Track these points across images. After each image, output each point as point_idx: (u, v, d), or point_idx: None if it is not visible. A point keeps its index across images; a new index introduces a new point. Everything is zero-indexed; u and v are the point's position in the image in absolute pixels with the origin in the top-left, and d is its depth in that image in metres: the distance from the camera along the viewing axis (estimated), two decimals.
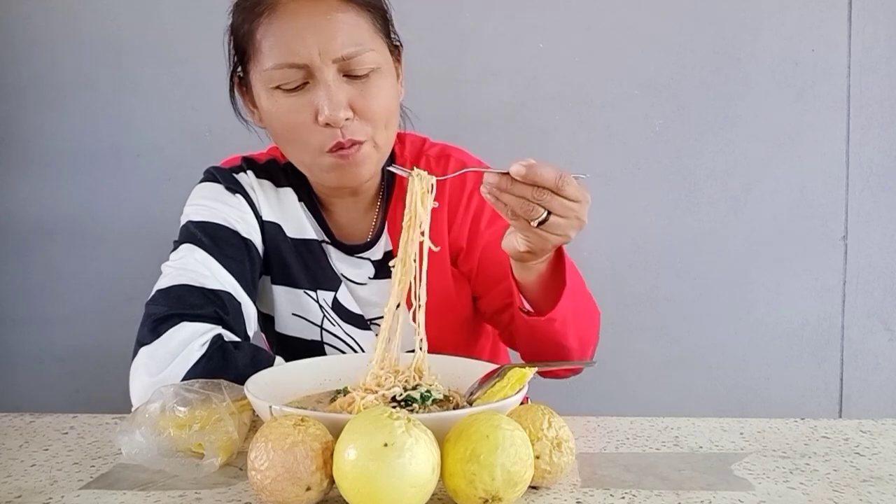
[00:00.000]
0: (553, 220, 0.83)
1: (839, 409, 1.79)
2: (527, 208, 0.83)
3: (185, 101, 1.79)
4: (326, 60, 0.96)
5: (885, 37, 1.73)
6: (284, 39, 0.97)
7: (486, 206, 1.10)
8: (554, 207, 0.82)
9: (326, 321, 1.13)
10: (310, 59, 0.96)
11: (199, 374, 0.89)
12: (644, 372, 1.79)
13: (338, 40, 0.96)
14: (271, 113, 1.01)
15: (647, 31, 1.75)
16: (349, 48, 0.97)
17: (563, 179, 0.81)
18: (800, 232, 1.76)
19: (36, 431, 0.92)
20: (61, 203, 1.82)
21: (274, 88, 0.99)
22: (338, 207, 1.13)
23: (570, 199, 0.83)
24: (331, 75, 0.96)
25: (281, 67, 0.97)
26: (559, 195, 0.82)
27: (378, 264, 1.13)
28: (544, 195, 0.82)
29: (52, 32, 1.80)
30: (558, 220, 0.84)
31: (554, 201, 0.82)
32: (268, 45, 0.98)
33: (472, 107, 1.76)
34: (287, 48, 0.96)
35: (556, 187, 0.81)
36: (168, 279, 1.01)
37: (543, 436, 0.70)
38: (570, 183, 0.82)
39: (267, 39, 0.98)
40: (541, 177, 0.81)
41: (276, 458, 0.64)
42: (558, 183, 0.81)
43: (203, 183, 1.12)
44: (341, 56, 0.96)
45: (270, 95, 1.00)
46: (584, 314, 1.04)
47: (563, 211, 0.83)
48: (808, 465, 0.79)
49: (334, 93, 0.96)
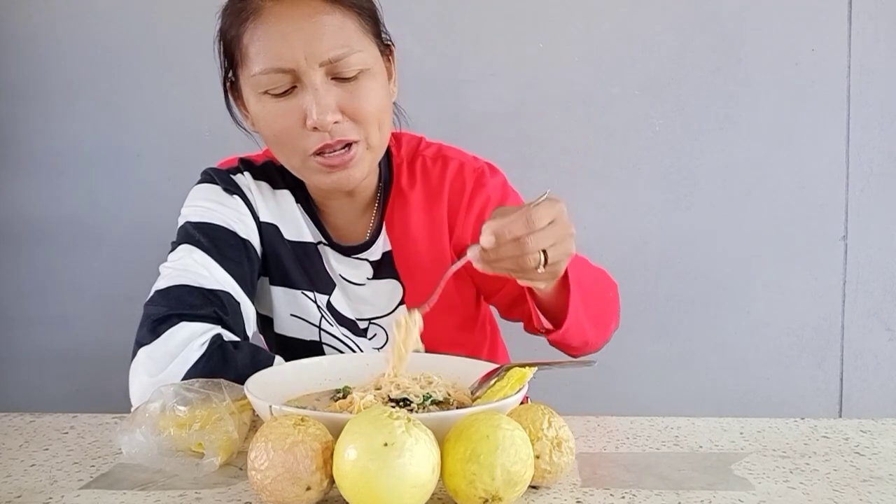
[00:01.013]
0: (551, 252, 0.82)
1: (839, 409, 1.79)
2: (523, 262, 0.82)
3: (184, 102, 1.79)
4: (313, 64, 0.95)
5: (885, 37, 1.73)
6: (270, 44, 0.96)
7: (488, 206, 1.10)
8: (542, 244, 0.81)
9: (325, 322, 1.13)
10: (296, 64, 0.95)
11: (199, 373, 0.89)
12: (644, 372, 1.79)
13: (324, 43, 0.95)
14: (260, 117, 1.01)
15: (647, 31, 1.75)
16: (336, 51, 0.96)
17: (530, 220, 0.80)
18: (800, 232, 1.76)
19: (36, 431, 0.92)
20: (61, 203, 1.82)
21: (262, 93, 0.98)
22: (335, 209, 1.13)
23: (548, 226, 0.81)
24: (318, 79, 0.96)
25: (268, 72, 0.96)
26: (538, 231, 0.80)
27: (376, 264, 1.13)
28: (526, 244, 0.80)
29: (53, 33, 1.79)
30: (555, 249, 0.83)
31: (538, 240, 0.81)
32: (254, 51, 0.97)
33: (471, 107, 1.76)
34: (273, 53, 0.96)
35: (529, 230, 0.80)
36: (166, 280, 1.00)
37: (543, 436, 0.70)
38: (538, 216, 0.80)
39: (253, 45, 0.97)
40: (510, 232, 0.80)
41: (276, 458, 0.64)
42: (529, 225, 0.80)
43: (200, 184, 1.12)
44: (328, 59, 0.96)
45: (259, 100, 0.99)
46: (598, 297, 1.04)
47: (551, 240, 0.82)
48: (808, 464, 0.79)
49: (322, 96, 0.96)
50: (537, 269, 0.83)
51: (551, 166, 1.76)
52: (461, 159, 1.14)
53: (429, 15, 1.74)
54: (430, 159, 1.13)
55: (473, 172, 1.12)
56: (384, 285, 1.12)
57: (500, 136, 1.74)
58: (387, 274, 1.12)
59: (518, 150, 1.74)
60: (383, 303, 1.13)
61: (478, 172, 1.12)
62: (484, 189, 1.11)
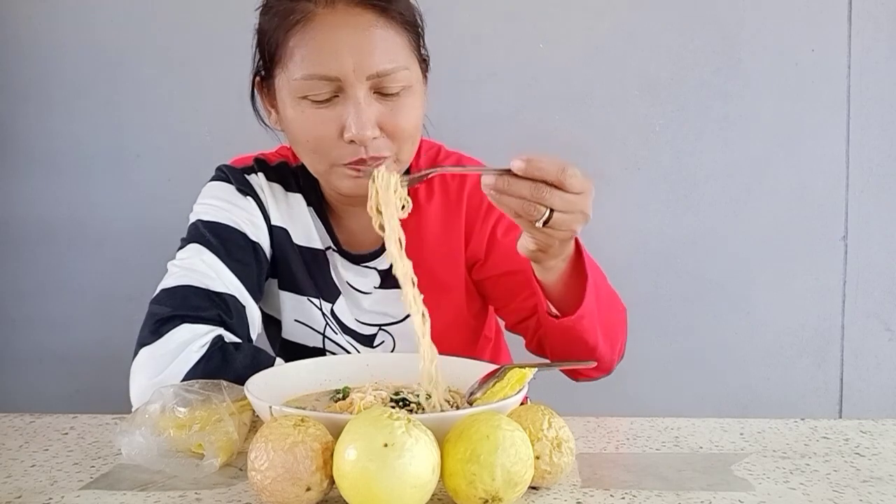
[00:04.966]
0: (556, 217, 0.81)
1: (839, 409, 1.79)
2: (528, 208, 0.80)
3: (184, 102, 1.79)
4: (360, 77, 0.94)
5: (885, 37, 1.73)
6: (319, 52, 0.95)
7: (503, 219, 1.08)
8: (555, 204, 0.80)
9: (329, 329, 1.12)
10: (343, 74, 0.94)
11: (199, 374, 0.89)
12: (644, 372, 1.78)
13: (374, 57, 0.95)
14: (295, 122, 0.99)
15: (647, 31, 1.75)
16: (384, 65, 0.95)
17: (565, 173, 0.79)
18: (800, 232, 1.76)
19: (36, 431, 0.92)
20: (61, 203, 1.82)
21: (301, 98, 0.97)
22: (349, 214, 1.11)
23: (571, 193, 0.80)
24: (362, 92, 0.95)
25: (311, 78, 0.95)
26: (560, 189, 0.79)
27: (384, 274, 1.11)
28: (543, 192, 0.79)
29: (54, 33, 1.80)
30: (562, 217, 0.81)
31: (554, 197, 0.79)
32: (300, 55, 0.96)
33: (472, 107, 1.76)
34: (320, 61, 0.95)
35: (558, 181, 0.79)
36: (174, 279, 1.00)
37: (543, 436, 0.70)
38: (573, 175, 0.79)
39: (300, 49, 0.96)
40: (541, 171, 0.79)
41: (276, 459, 0.64)
42: (560, 177, 0.79)
43: (214, 182, 1.11)
44: (376, 72, 0.95)
45: (297, 105, 0.98)
46: (610, 309, 1.02)
47: (564, 206, 0.80)
48: (808, 465, 0.79)
49: (364, 110, 0.95)
50: (535, 223, 0.81)
51: None
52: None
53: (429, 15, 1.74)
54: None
55: None
56: (390, 295, 1.11)
57: (500, 136, 1.74)
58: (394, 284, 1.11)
59: (518, 151, 1.74)
60: (388, 313, 1.12)
61: None
62: None
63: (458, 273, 1.10)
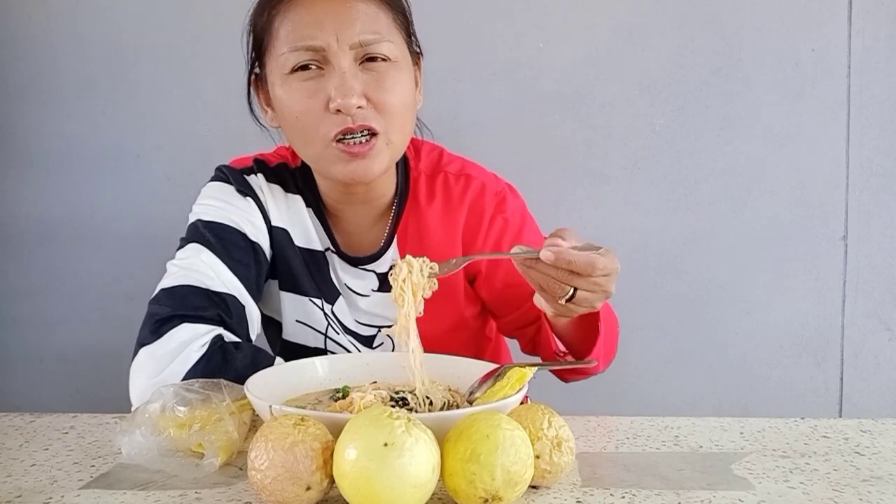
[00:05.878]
0: (580, 295, 0.84)
1: (839, 409, 1.79)
2: (553, 286, 0.83)
3: (184, 102, 1.79)
4: (343, 46, 0.96)
5: (885, 37, 1.73)
6: (302, 24, 0.98)
7: (506, 231, 1.10)
8: (580, 285, 0.83)
9: (331, 329, 1.12)
10: (326, 43, 0.96)
11: (199, 374, 0.89)
12: (644, 372, 1.79)
13: (356, 27, 0.97)
14: (283, 101, 1.00)
15: (647, 31, 1.75)
16: (366, 35, 0.97)
17: (593, 266, 0.81)
18: (800, 232, 1.76)
19: (36, 431, 0.92)
20: (61, 203, 1.82)
21: (288, 74, 0.99)
22: (348, 215, 1.11)
23: (598, 276, 0.82)
24: (346, 62, 0.97)
25: (297, 49, 0.97)
26: (588, 277, 0.82)
27: (383, 277, 1.11)
28: (573, 277, 0.82)
29: (53, 33, 1.80)
30: (585, 295, 0.84)
31: (580, 281, 0.82)
32: (285, 32, 0.99)
33: (471, 107, 1.76)
34: (304, 32, 0.97)
35: (586, 274, 0.81)
36: (173, 278, 1.00)
37: (543, 435, 0.70)
38: (601, 266, 0.81)
39: (284, 26, 0.99)
40: (570, 264, 0.81)
41: (276, 458, 0.64)
42: (588, 270, 0.81)
43: (214, 182, 1.11)
44: (358, 41, 0.97)
45: (284, 82, 0.99)
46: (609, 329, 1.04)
47: (589, 287, 0.83)
48: (808, 464, 0.79)
49: (348, 79, 0.96)
50: (559, 301, 0.84)
51: (551, 166, 1.76)
52: (483, 179, 1.12)
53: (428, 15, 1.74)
54: (452, 176, 1.11)
55: (495, 196, 1.10)
56: (388, 298, 1.11)
57: (500, 136, 1.74)
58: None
59: (518, 150, 1.74)
60: (386, 315, 1.12)
61: (499, 197, 1.11)
62: (503, 214, 1.10)
63: (457, 277, 1.10)
